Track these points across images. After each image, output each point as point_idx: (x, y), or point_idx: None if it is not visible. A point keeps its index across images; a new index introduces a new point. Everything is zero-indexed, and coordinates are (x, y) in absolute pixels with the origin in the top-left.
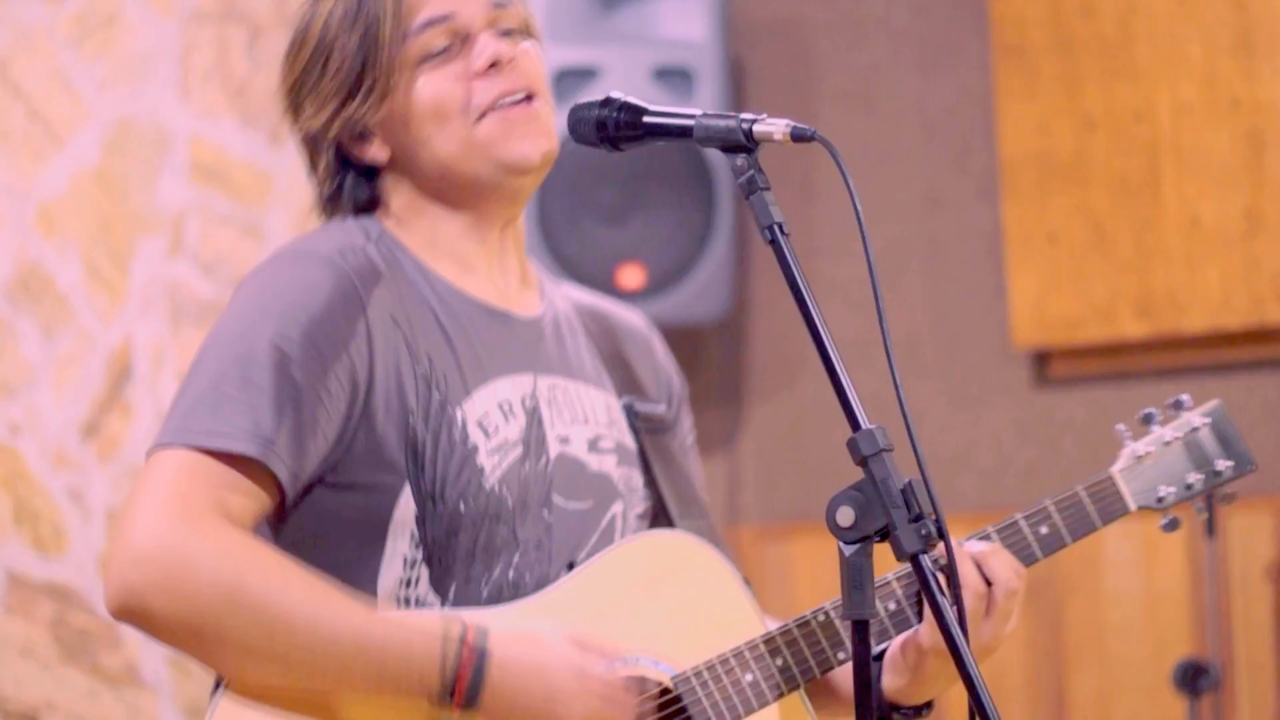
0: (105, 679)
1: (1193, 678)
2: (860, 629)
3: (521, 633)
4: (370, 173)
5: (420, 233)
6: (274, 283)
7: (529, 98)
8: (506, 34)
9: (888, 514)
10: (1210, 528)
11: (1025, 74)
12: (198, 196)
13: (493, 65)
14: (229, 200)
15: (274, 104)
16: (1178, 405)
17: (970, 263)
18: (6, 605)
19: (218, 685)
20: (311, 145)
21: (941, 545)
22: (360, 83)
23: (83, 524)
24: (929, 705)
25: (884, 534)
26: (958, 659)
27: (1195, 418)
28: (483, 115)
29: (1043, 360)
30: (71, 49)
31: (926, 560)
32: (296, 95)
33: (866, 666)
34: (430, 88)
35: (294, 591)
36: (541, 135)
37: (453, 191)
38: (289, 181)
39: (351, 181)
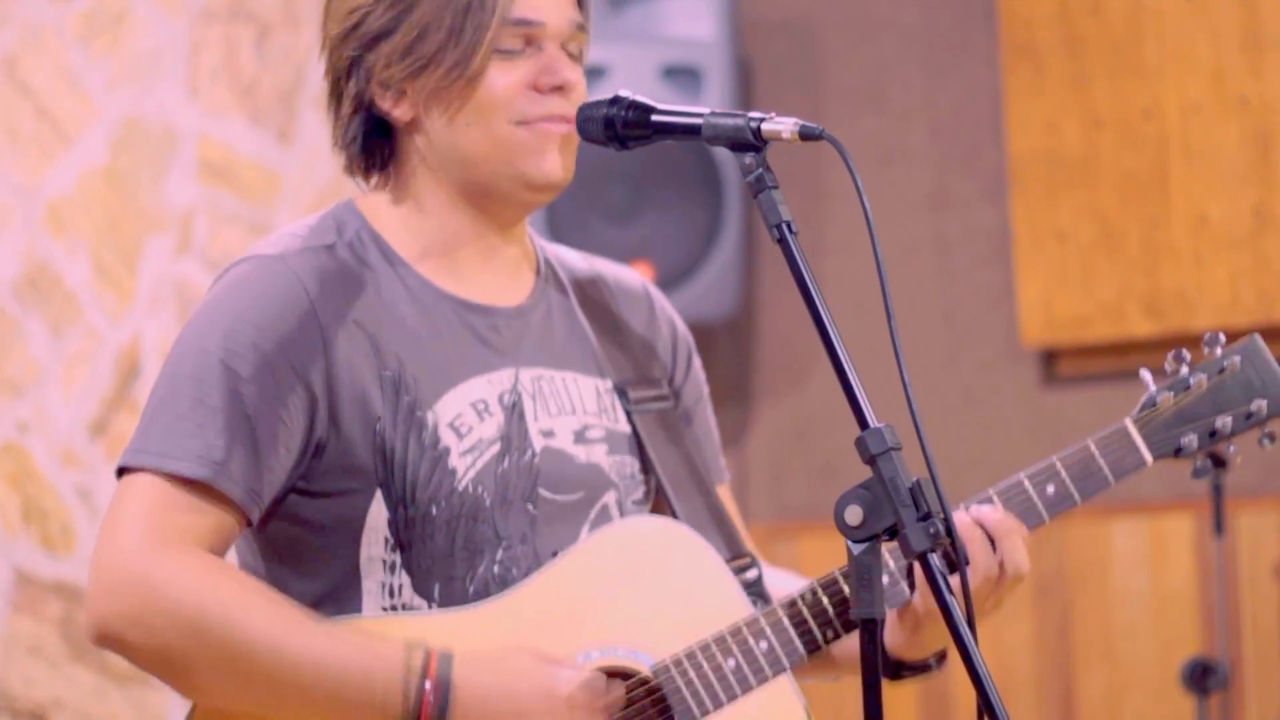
0: (113, 677)
1: (1201, 677)
2: (869, 628)
3: (484, 655)
4: (387, 128)
5: (411, 223)
6: (228, 294)
7: (568, 122)
8: (571, 56)
9: (896, 512)
10: (1218, 526)
11: (1033, 73)
12: (206, 195)
13: (557, 88)
14: (237, 199)
15: (282, 102)
16: (1214, 342)
17: (978, 261)
18: (15, 604)
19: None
20: (345, 73)
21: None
22: (445, 53)
23: (91, 523)
24: (941, 657)
25: (892, 532)
26: (965, 658)
27: (1226, 355)
28: (523, 123)
29: (1051, 359)
30: (80, 47)
31: (935, 559)
32: (357, 19)
33: (875, 666)
34: (490, 81)
35: (255, 616)
36: (568, 160)
37: (462, 181)
38: (297, 180)
39: (370, 130)
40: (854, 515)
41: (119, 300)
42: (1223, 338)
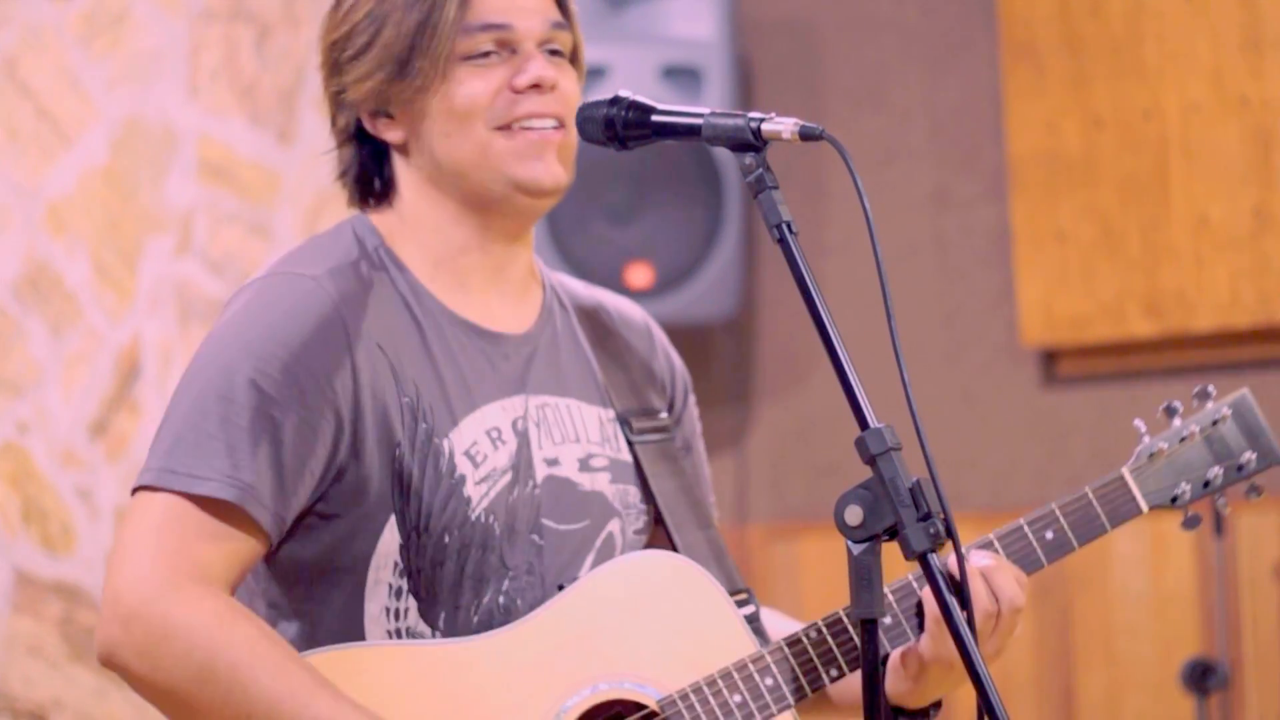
0: (113, 678)
1: (1201, 677)
2: (869, 628)
3: None
4: (382, 150)
5: (420, 240)
6: (257, 310)
7: (557, 126)
8: (554, 54)
9: (896, 513)
10: (1218, 527)
11: (1034, 73)
12: (206, 195)
13: (534, 86)
14: (237, 199)
15: (282, 102)
16: (1204, 395)
17: (978, 261)
18: (15, 604)
19: None
20: (335, 104)
21: (951, 558)
22: (408, 64)
23: (91, 523)
24: (937, 706)
25: (892, 533)
26: (967, 660)
27: (1218, 409)
28: (504, 128)
29: (1051, 359)
30: (80, 48)
31: (935, 559)
32: (336, 53)
33: (875, 667)
34: (464, 87)
35: (263, 677)
36: (557, 163)
37: (461, 194)
38: (297, 180)
39: (362, 154)
40: (854, 515)
41: (119, 300)
42: (1214, 390)
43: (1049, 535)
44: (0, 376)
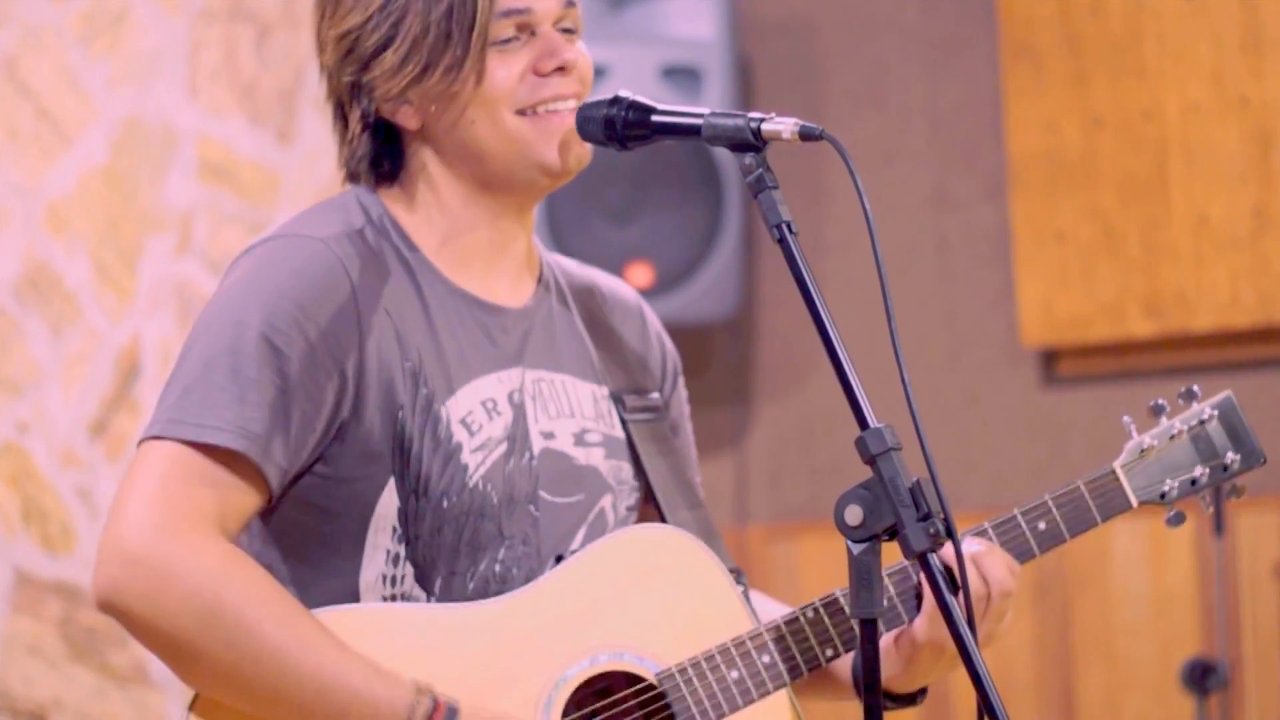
0: (113, 677)
1: (1201, 676)
2: (868, 628)
3: (488, 715)
4: (394, 135)
5: (428, 218)
6: (267, 268)
7: (575, 107)
8: (566, 32)
9: (896, 512)
10: (1218, 526)
11: (1033, 73)
12: (206, 195)
13: (558, 69)
14: (237, 199)
15: (282, 102)
16: (1189, 396)
17: (978, 262)
18: (15, 604)
19: (191, 705)
20: (348, 96)
21: (945, 548)
22: (440, 55)
23: (91, 523)
24: (923, 691)
25: (892, 533)
26: (966, 659)
27: (1204, 409)
28: (527, 111)
29: (1051, 359)
30: (80, 48)
31: (935, 559)
32: (351, 43)
33: (875, 666)
34: (491, 75)
35: (268, 624)
36: (581, 145)
37: (479, 176)
38: (297, 180)
39: (377, 143)
40: (854, 515)
41: (119, 300)
42: (1199, 391)
43: (1041, 525)
44: (0, 376)
